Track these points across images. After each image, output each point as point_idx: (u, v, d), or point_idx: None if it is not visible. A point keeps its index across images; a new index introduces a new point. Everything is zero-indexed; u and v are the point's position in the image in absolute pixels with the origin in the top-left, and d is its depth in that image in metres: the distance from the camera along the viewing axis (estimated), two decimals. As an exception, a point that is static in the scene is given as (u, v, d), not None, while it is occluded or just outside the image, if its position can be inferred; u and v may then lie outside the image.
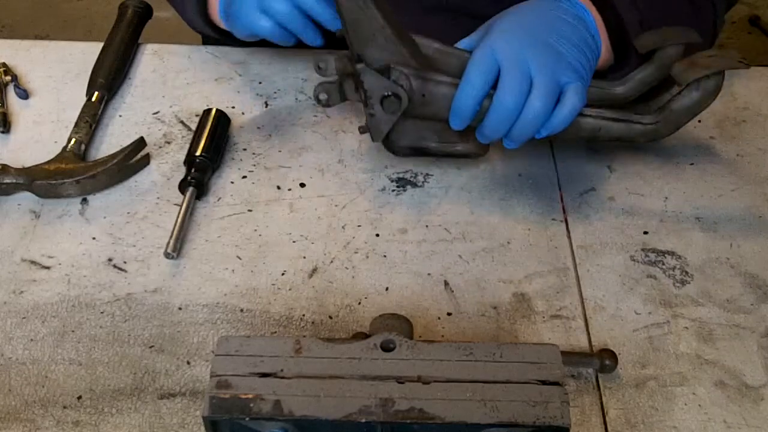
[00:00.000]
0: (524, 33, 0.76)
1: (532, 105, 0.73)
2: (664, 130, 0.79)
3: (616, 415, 0.67)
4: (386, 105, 0.77)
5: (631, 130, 0.78)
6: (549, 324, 0.74)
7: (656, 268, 0.79)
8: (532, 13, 0.79)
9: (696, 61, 0.76)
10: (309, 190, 0.86)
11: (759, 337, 0.73)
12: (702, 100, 0.77)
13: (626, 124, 0.78)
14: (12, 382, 0.69)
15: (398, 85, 0.76)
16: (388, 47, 0.76)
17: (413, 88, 0.76)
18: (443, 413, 0.57)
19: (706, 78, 0.75)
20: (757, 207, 0.85)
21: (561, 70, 0.74)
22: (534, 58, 0.74)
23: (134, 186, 0.86)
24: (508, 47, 0.74)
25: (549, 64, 0.74)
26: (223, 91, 0.97)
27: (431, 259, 0.79)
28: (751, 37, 2.49)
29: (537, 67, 0.73)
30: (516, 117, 0.74)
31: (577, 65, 0.76)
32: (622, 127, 0.78)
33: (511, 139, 0.77)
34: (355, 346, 0.61)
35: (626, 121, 0.78)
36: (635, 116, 0.78)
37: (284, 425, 0.57)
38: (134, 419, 0.66)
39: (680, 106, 0.77)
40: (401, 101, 0.76)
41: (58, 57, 1.01)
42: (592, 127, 0.78)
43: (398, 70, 0.76)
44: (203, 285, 0.77)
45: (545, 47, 0.75)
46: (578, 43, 0.77)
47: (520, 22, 0.78)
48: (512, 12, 0.80)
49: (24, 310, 0.74)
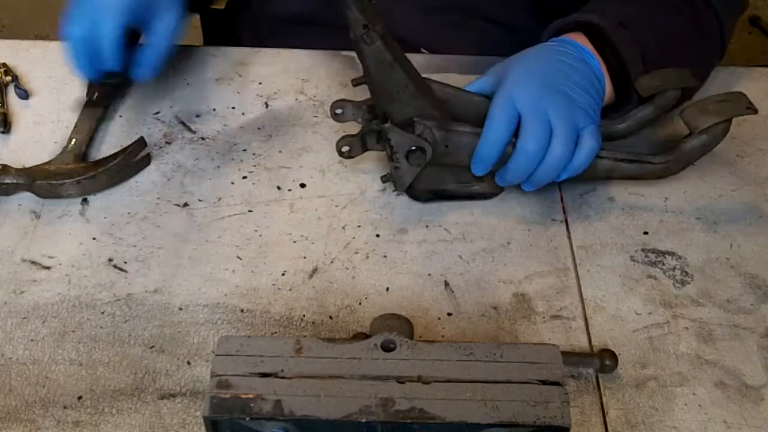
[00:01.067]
0: (539, 81, 0.79)
1: (554, 150, 0.77)
2: (674, 168, 0.83)
3: (616, 415, 0.67)
4: (412, 159, 0.80)
5: (643, 169, 0.82)
6: (549, 324, 0.74)
7: (656, 268, 0.79)
8: (544, 61, 0.83)
9: (706, 107, 0.80)
10: (309, 190, 0.86)
11: (759, 337, 0.73)
12: (710, 142, 0.81)
13: (639, 165, 0.82)
14: (12, 383, 0.69)
15: (423, 139, 0.79)
16: (411, 102, 0.79)
17: (437, 140, 0.79)
18: (443, 413, 0.57)
19: (715, 124, 0.79)
20: (757, 207, 0.85)
21: (576, 115, 0.78)
22: (551, 105, 0.77)
23: (134, 186, 0.86)
24: (528, 96, 0.78)
25: (565, 110, 0.77)
26: (223, 91, 0.97)
27: (431, 260, 0.79)
28: (751, 37, 2.48)
29: (555, 113, 0.77)
30: (538, 163, 0.77)
31: (588, 109, 0.79)
32: (634, 167, 0.82)
33: (532, 183, 0.80)
34: (355, 347, 0.61)
35: (638, 162, 0.82)
36: (646, 156, 0.82)
37: (285, 425, 0.57)
38: (134, 419, 0.66)
39: (690, 147, 0.81)
40: (426, 154, 0.79)
41: (58, 57, 1.01)
42: (607, 168, 0.82)
43: (423, 124, 0.79)
44: (203, 285, 0.77)
45: (560, 94, 0.78)
46: (587, 88, 0.81)
47: (533, 70, 0.81)
48: (523, 59, 0.83)
49: (24, 310, 0.74)
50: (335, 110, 0.83)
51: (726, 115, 0.79)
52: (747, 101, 0.79)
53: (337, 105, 0.83)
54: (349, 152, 0.83)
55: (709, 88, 0.99)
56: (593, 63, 0.83)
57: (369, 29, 0.75)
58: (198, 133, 0.92)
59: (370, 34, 0.75)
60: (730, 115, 0.79)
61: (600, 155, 0.81)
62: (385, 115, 0.80)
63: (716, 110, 0.79)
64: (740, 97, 0.80)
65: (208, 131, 0.92)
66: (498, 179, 0.82)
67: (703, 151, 0.81)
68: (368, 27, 0.75)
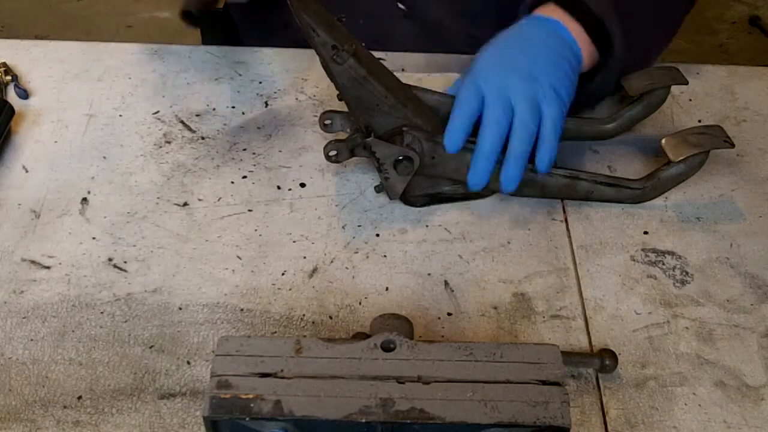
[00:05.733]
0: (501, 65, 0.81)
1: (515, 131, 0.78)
2: (651, 194, 0.85)
3: (616, 415, 0.67)
4: (399, 168, 0.80)
5: (620, 193, 0.84)
6: (549, 324, 0.74)
7: (656, 268, 0.79)
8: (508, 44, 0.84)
9: (686, 138, 0.82)
10: (309, 190, 0.86)
11: (759, 337, 0.73)
12: (687, 172, 0.83)
13: (616, 189, 0.84)
14: (12, 382, 0.69)
15: (410, 149, 0.79)
16: (392, 112, 0.79)
17: (424, 151, 0.80)
18: (443, 413, 0.57)
19: (693, 155, 0.81)
20: (757, 207, 0.85)
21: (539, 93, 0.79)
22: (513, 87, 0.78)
23: (134, 186, 0.86)
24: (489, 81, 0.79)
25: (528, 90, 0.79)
26: (223, 91, 0.97)
27: (431, 259, 0.79)
28: (751, 37, 2.49)
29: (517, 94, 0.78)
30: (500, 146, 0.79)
31: (557, 84, 0.80)
32: (612, 190, 0.84)
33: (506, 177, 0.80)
34: (355, 346, 0.61)
35: (617, 186, 0.84)
36: (625, 181, 0.84)
37: (284, 425, 0.57)
38: (134, 419, 0.66)
39: (668, 175, 0.83)
40: (413, 162, 0.80)
41: (58, 57, 1.01)
42: (586, 189, 0.84)
43: (411, 134, 0.79)
44: (203, 285, 0.77)
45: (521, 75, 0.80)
46: (556, 60, 0.81)
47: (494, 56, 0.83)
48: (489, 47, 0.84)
49: (24, 310, 0.74)
50: (324, 121, 0.84)
51: (704, 148, 0.81)
52: (725, 135, 0.82)
53: (325, 116, 0.84)
54: (336, 157, 0.83)
55: (707, 87, 0.99)
56: (563, 32, 0.83)
57: (338, 50, 0.75)
58: (198, 133, 0.92)
59: (340, 54, 0.75)
60: (708, 147, 0.81)
61: (581, 177, 0.83)
62: (368, 128, 0.80)
63: (695, 142, 0.81)
64: (718, 130, 0.83)
65: (208, 131, 0.92)
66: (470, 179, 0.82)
67: (680, 179, 0.83)
68: (337, 48, 0.75)
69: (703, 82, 1.00)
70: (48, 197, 0.84)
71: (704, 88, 0.99)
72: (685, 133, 0.82)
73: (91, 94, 0.96)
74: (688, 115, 0.95)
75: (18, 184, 0.85)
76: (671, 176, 0.83)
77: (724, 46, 2.43)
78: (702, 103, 0.97)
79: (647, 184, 0.84)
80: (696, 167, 0.82)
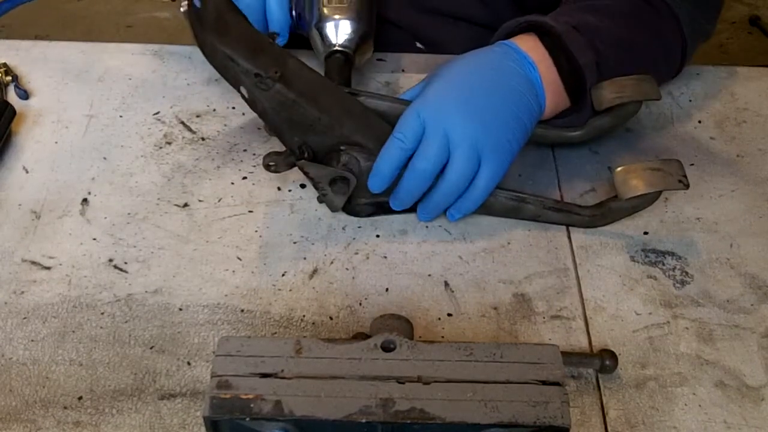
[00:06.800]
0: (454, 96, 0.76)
1: (444, 176, 0.76)
2: (600, 222, 0.82)
3: (616, 416, 0.67)
4: (335, 188, 0.78)
5: (569, 218, 0.82)
6: (549, 324, 0.74)
7: (656, 268, 0.79)
8: (471, 72, 0.79)
9: (640, 173, 0.78)
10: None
11: (759, 337, 0.73)
12: (638, 206, 0.80)
13: (566, 214, 0.82)
14: (12, 383, 0.69)
15: (347, 169, 0.77)
16: (328, 131, 0.77)
17: (362, 171, 0.78)
18: (443, 413, 0.57)
19: (643, 195, 0.78)
20: (757, 207, 0.85)
21: (484, 141, 0.75)
22: (456, 127, 0.75)
23: (135, 186, 0.86)
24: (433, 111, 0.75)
25: (470, 134, 0.75)
26: (223, 92, 0.97)
27: (431, 260, 0.79)
28: (751, 37, 2.49)
29: (458, 136, 0.75)
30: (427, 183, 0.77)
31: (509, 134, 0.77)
32: (561, 215, 0.82)
33: (425, 209, 0.80)
34: (355, 347, 0.61)
35: (566, 212, 0.82)
36: (575, 207, 0.82)
37: (285, 425, 0.57)
38: (135, 420, 0.66)
39: (618, 207, 0.80)
40: (349, 183, 0.78)
41: (58, 57, 1.01)
42: (533, 213, 0.82)
43: (349, 155, 0.77)
44: (204, 286, 0.77)
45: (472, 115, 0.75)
46: (515, 104, 0.77)
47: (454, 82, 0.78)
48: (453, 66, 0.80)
49: (24, 310, 0.74)
50: (269, 162, 0.77)
51: (656, 188, 0.77)
52: (681, 173, 0.77)
53: (268, 159, 0.77)
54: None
55: (707, 88, 0.99)
56: (534, 77, 0.80)
57: (261, 77, 0.73)
58: (198, 133, 0.92)
59: (264, 81, 0.73)
60: (660, 188, 0.77)
61: (527, 200, 0.81)
62: (301, 148, 0.77)
63: (648, 180, 0.77)
64: (676, 166, 0.78)
65: (208, 131, 0.92)
66: (392, 199, 0.80)
67: (630, 212, 0.81)
68: (260, 75, 0.73)
69: (703, 82, 1.00)
70: (48, 198, 0.84)
71: (704, 88, 0.99)
72: (639, 167, 0.78)
73: (92, 94, 0.96)
74: (688, 115, 0.95)
75: (18, 184, 0.85)
76: (621, 208, 0.80)
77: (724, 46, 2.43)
78: (702, 104, 0.97)
79: (597, 212, 0.81)
80: (646, 203, 0.80)
